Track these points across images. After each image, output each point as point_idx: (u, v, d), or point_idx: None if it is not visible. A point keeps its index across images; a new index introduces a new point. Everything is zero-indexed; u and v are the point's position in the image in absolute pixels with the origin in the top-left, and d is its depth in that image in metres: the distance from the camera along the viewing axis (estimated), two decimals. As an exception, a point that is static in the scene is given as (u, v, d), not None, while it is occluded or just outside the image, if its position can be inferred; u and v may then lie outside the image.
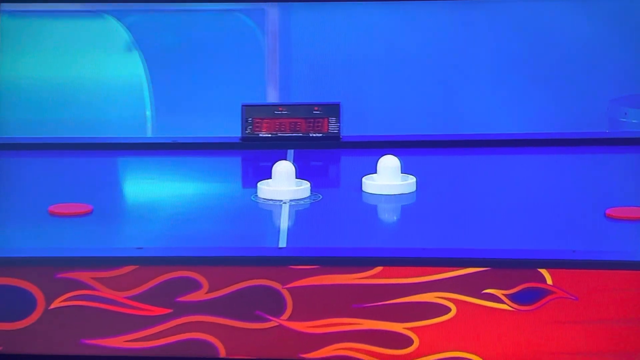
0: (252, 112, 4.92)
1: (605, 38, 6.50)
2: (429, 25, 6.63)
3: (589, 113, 6.19)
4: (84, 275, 4.06)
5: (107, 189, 4.94)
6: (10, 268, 4.10)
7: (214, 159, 5.07)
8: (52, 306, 4.08)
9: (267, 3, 6.37)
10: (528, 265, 4.03)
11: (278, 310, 4.06)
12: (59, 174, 4.97)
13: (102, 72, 6.36)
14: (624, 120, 5.82)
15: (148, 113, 6.11)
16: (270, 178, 4.60)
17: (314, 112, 4.95)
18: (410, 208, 4.63)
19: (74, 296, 4.08)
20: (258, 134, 4.91)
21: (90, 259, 4.12)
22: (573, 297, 3.99)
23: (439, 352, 4.06)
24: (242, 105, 4.93)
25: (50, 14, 6.45)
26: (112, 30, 6.41)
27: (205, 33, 6.40)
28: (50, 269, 4.08)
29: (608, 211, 4.50)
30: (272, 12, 6.39)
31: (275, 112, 4.94)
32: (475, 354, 4.05)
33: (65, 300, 4.07)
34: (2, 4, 6.66)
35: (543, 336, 4.05)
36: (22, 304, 4.08)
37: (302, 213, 4.55)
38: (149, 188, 5.02)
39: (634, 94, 6.03)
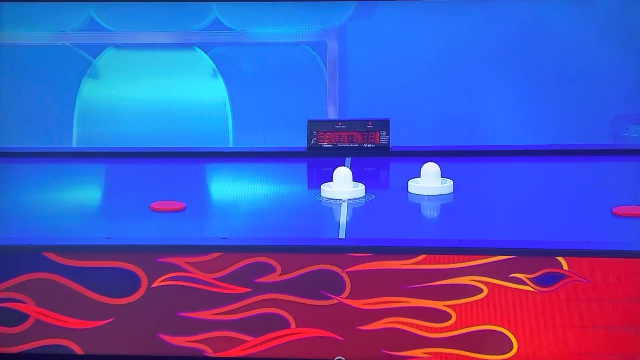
0: (316, 127, 4.92)
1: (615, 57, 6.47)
2: (458, 50, 6.62)
3: (597, 128, 6.17)
4: (179, 260, 4.07)
5: (197, 189, 4.97)
6: (120, 253, 4.10)
7: (284, 165, 5.10)
8: (154, 285, 4.09)
9: (329, 38, 6.35)
10: (547, 254, 4.02)
11: (339, 290, 4.04)
12: (158, 177, 5.02)
13: (192, 94, 6.35)
14: (626, 134, 5.75)
15: (230, 127, 6.09)
16: (332, 181, 4.58)
17: (368, 126, 4.96)
18: (449, 206, 4.62)
19: (171, 277, 4.08)
20: (321, 145, 4.90)
21: (184, 247, 4.12)
22: (585, 281, 3.97)
23: (473, 325, 4.05)
24: (308, 121, 4.94)
25: (151, 47, 6.42)
26: (200, 60, 6.38)
27: (277, 61, 6.38)
28: (152, 254, 4.09)
29: (615, 209, 4.47)
30: (332, 44, 6.34)
31: (335, 126, 4.95)
32: (503, 327, 4.03)
33: (164, 280, 4.08)
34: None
35: (560, 313, 4.03)
36: (130, 283, 4.09)
37: (358, 210, 4.53)
38: (231, 188, 5.03)
39: (635, 112, 6.01)
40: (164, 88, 6.39)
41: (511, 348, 4.05)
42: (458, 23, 6.61)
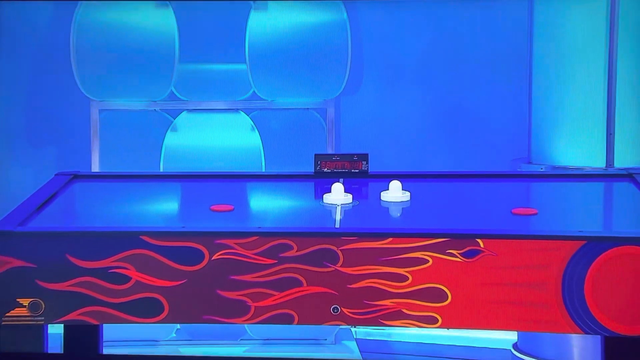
0: (320, 158, 4.87)
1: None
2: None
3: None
4: (229, 241, 4.04)
5: (241, 198, 4.93)
6: (191, 237, 4.08)
7: (299, 183, 5.02)
8: (213, 258, 4.06)
9: (328, 106, 6.37)
10: (470, 237, 3.99)
11: (335, 261, 4.02)
12: (215, 191, 4.97)
13: (238, 142, 6.40)
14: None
15: (262, 163, 6.14)
16: (330, 192, 4.54)
17: (354, 158, 4.88)
18: (407, 208, 4.57)
19: (224, 252, 4.05)
20: (323, 170, 4.86)
21: (232, 232, 4.08)
22: (494, 254, 3.95)
23: (422, 284, 4.00)
24: (315, 154, 4.89)
25: (211, 111, 6.47)
26: (242, 120, 6.42)
27: (294, 121, 6.41)
28: (212, 237, 4.06)
29: (513, 210, 4.44)
30: (330, 110, 6.38)
31: (332, 158, 4.87)
32: (442, 284, 4.00)
33: (219, 254, 4.05)
34: None
35: (478, 275, 3.99)
36: (197, 256, 4.06)
37: (347, 211, 4.49)
38: (262, 197, 5.01)
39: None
40: (219, 138, 6.44)
41: (447, 298, 4.01)
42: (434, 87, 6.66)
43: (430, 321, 4.04)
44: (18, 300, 4.08)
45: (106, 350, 5.13)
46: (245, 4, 6.31)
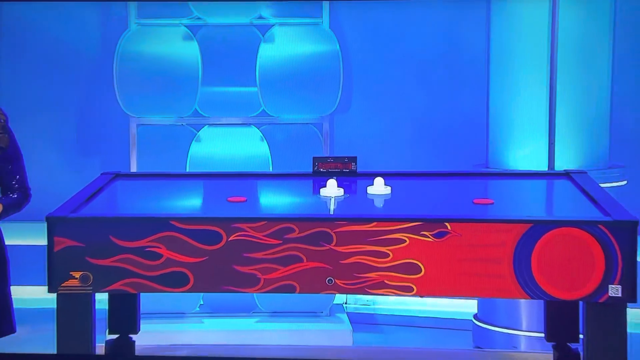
0: (317, 160, 4.81)
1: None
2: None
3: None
4: (243, 225, 4.03)
5: (252, 192, 4.86)
6: (212, 222, 4.08)
7: (301, 180, 4.97)
8: (230, 239, 4.05)
9: (324, 121, 6.38)
10: (439, 221, 4.00)
11: (330, 241, 4.01)
12: (232, 186, 4.89)
13: (249, 150, 6.40)
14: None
15: (270, 165, 6.15)
16: (326, 187, 4.51)
17: (345, 160, 4.83)
18: (388, 200, 4.53)
19: (239, 234, 4.04)
20: (320, 170, 4.81)
21: (246, 218, 4.08)
22: (459, 235, 3.97)
23: (400, 259, 4.00)
24: (313, 157, 4.84)
25: (228, 125, 6.46)
26: (254, 132, 6.42)
27: (295, 134, 6.40)
28: (229, 222, 4.05)
29: (474, 200, 4.44)
30: (326, 125, 6.40)
31: (327, 160, 4.83)
32: (416, 259, 3.99)
33: (235, 236, 4.04)
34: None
35: (446, 251, 4.00)
36: (217, 237, 4.05)
37: (340, 202, 4.46)
38: (270, 191, 4.96)
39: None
40: (234, 147, 6.45)
41: (421, 271, 4.00)
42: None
43: (407, 290, 4.03)
44: (71, 273, 4.09)
45: (143, 320, 5.12)
46: (257, 38, 6.33)
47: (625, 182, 5.84)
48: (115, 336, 4.94)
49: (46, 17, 6.77)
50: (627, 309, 3.96)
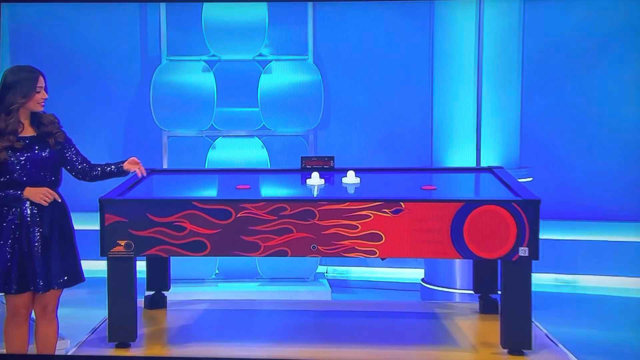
0: (304, 159, 4.78)
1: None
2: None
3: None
4: (248, 205, 4.04)
5: (255, 181, 4.77)
6: (225, 203, 4.07)
7: (292, 174, 4.90)
8: (238, 215, 4.03)
9: (310, 133, 6.38)
10: (395, 201, 3.99)
11: (314, 217, 4.02)
12: (240, 178, 4.78)
13: (251, 155, 6.36)
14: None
15: (268, 163, 6.15)
16: (311, 178, 4.48)
17: (325, 159, 4.80)
18: (359, 187, 4.50)
19: (245, 212, 4.03)
20: (306, 166, 4.78)
21: (250, 199, 4.08)
22: (410, 211, 3.97)
23: (367, 230, 4.00)
24: (301, 157, 4.81)
25: (237, 137, 6.45)
26: (257, 142, 6.40)
27: (288, 144, 6.35)
28: (237, 203, 4.05)
29: (422, 187, 4.43)
30: (311, 137, 6.40)
31: (312, 159, 4.79)
32: (379, 230, 3.99)
33: (242, 213, 4.03)
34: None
35: (401, 225, 3.99)
36: (227, 214, 4.04)
37: (321, 188, 4.44)
38: (269, 182, 4.87)
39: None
40: (241, 153, 6.42)
41: (382, 239, 4.00)
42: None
43: (371, 253, 4.05)
44: (117, 241, 4.09)
45: (173, 284, 5.04)
46: (258, 71, 6.34)
47: (531, 179, 5.81)
48: (151, 293, 4.92)
49: (98, 54, 6.75)
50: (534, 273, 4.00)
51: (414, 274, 6.35)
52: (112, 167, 4.13)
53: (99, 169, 4.08)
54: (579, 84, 6.50)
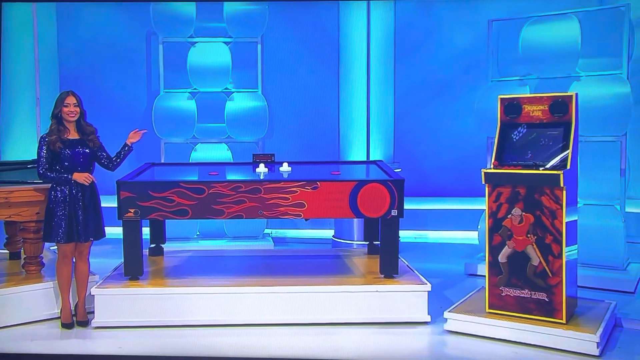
0: (255, 155, 4.65)
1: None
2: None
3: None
4: (218, 185, 3.94)
5: (221, 170, 4.62)
6: (201, 183, 3.96)
7: (244, 165, 4.79)
8: (210, 192, 3.92)
9: (260, 141, 6.20)
10: (313, 181, 3.97)
11: (260, 193, 3.94)
12: (212, 168, 4.65)
13: (220, 156, 6.11)
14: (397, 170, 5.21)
15: (230, 157, 5.86)
16: (258, 167, 4.40)
17: (268, 155, 4.66)
18: (290, 173, 4.38)
19: (214, 189, 3.91)
20: (256, 160, 4.68)
21: (217, 181, 3.99)
22: (323, 188, 3.93)
23: (295, 200, 3.96)
24: (252, 154, 4.73)
25: (210, 143, 6.39)
26: (223, 146, 6.21)
27: (243, 148, 6.14)
28: (210, 183, 3.95)
29: (332, 172, 4.42)
30: (261, 143, 6.20)
31: (260, 155, 4.66)
32: (303, 200, 3.97)
33: (212, 190, 3.91)
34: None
35: (318, 196, 3.96)
36: (202, 191, 3.87)
37: (265, 174, 4.35)
38: (233, 170, 4.68)
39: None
40: (214, 154, 6.11)
41: (305, 206, 3.97)
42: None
43: (298, 215, 4.03)
44: (129, 209, 4.04)
45: (168, 241, 4.90)
46: (225, 99, 6.10)
47: (400, 170, 5.60)
48: (153, 245, 4.83)
49: (119, 88, 6.53)
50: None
51: (328, 232, 6.33)
52: (121, 150, 4.08)
53: (114, 158, 4.06)
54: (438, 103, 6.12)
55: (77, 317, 3.98)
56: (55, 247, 4.03)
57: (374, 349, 3.55)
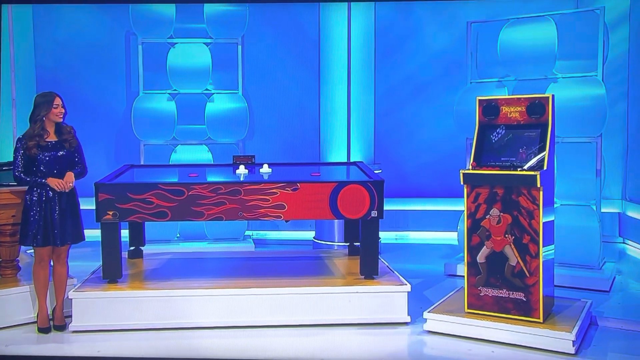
0: (235, 157, 4.69)
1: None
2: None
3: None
4: (197, 187, 3.91)
5: (201, 172, 4.59)
6: (180, 185, 3.91)
7: (225, 167, 4.75)
8: (189, 193, 3.85)
9: (240, 142, 6.18)
10: (294, 182, 3.97)
11: (240, 194, 3.92)
12: (193, 170, 4.66)
13: (200, 158, 6.06)
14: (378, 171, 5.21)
15: (212, 158, 5.84)
16: (239, 168, 4.39)
17: (249, 156, 4.64)
18: (271, 174, 4.38)
19: (194, 191, 3.86)
20: (236, 161, 4.69)
21: (197, 182, 3.96)
22: (303, 189, 3.95)
23: (276, 202, 3.95)
24: (233, 155, 4.73)
25: (191, 145, 6.35)
26: (203, 148, 6.19)
27: (224, 150, 6.10)
28: (189, 184, 3.93)
29: (312, 173, 4.44)
30: (241, 145, 6.20)
31: (240, 156, 4.66)
32: (284, 202, 3.96)
33: (192, 192, 3.87)
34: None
35: (298, 198, 3.95)
36: (182, 193, 3.86)
37: (246, 176, 4.35)
38: (214, 172, 4.64)
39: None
40: (194, 156, 6.04)
41: (285, 207, 3.94)
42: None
43: (278, 217, 4.02)
44: (107, 212, 4.00)
45: (147, 244, 4.87)
46: (205, 100, 6.06)
47: (380, 171, 5.67)
48: (132, 248, 4.79)
49: (98, 89, 6.47)
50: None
51: (309, 234, 6.32)
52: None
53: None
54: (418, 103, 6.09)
55: (54, 321, 3.94)
56: (33, 250, 3.98)
57: (354, 349, 3.58)
